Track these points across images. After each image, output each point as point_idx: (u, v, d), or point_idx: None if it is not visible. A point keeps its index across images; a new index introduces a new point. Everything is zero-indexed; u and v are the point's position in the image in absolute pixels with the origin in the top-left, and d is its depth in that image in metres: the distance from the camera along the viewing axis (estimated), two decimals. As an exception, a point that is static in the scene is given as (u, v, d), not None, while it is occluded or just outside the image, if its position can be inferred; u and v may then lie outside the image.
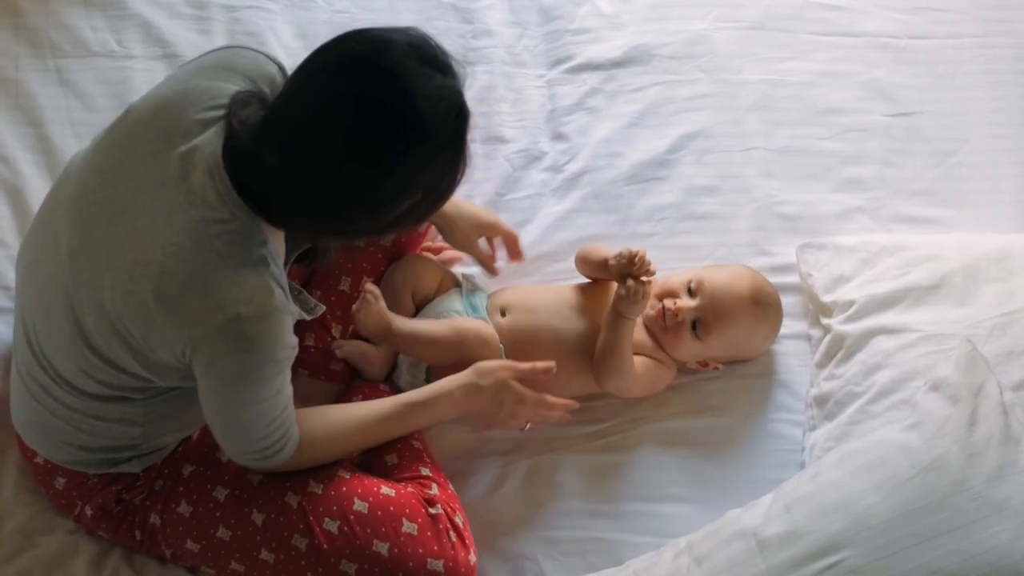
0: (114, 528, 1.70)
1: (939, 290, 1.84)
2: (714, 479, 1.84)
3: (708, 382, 1.93)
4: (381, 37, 1.34)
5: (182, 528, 1.66)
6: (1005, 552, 1.45)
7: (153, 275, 1.41)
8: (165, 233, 1.41)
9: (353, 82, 1.32)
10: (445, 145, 1.36)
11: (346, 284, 1.90)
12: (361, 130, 1.31)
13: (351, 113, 1.31)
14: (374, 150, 1.32)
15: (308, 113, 1.35)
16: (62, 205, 1.52)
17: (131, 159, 1.47)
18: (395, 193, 1.37)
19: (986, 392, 1.59)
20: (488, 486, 1.84)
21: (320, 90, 1.35)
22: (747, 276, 1.90)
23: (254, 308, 1.41)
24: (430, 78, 1.32)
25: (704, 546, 1.62)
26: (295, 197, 1.39)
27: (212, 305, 1.40)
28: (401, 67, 1.31)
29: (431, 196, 1.41)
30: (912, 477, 1.52)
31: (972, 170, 2.16)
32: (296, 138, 1.35)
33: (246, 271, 1.42)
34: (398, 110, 1.31)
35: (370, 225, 1.43)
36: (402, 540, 1.63)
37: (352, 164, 1.33)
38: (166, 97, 1.49)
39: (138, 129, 1.48)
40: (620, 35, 2.31)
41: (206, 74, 1.50)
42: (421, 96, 1.31)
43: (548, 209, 2.11)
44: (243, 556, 1.65)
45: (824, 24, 2.35)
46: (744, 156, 2.17)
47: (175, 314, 1.41)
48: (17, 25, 2.25)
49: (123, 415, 1.58)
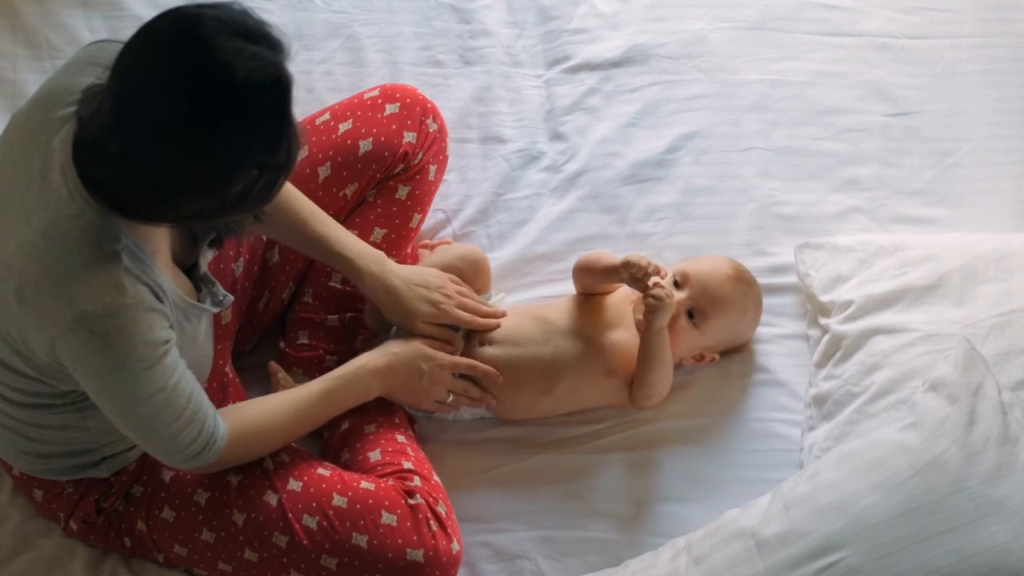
0: (103, 538, 1.71)
1: (937, 290, 1.84)
2: (712, 479, 1.84)
3: (707, 382, 1.93)
4: (191, 13, 1.33)
5: (168, 533, 1.67)
6: (1003, 552, 1.45)
7: (13, 276, 1.41)
8: (23, 234, 1.41)
9: (165, 60, 1.31)
10: (264, 116, 1.33)
11: (338, 280, 1.91)
12: (175, 108, 1.30)
13: (165, 92, 1.30)
14: (191, 126, 1.30)
15: (128, 96, 1.34)
16: None
17: (6, 163, 1.48)
18: (226, 169, 1.35)
19: (984, 392, 1.59)
20: (487, 486, 1.84)
21: (137, 72, 1.34)
22: (724, 260, 1.92)
23: (101, 305, 1.39)
24: (241, 50, 1.30)
25: (702, 546, 1.62)
26: (134, 183, 1.38)
27: (63, 304, 1.40)
28: (211, 41, 1.30)
29: (267, 171, 1.38)
30: (910, 477, 1.52)
31: (970, 170, 2.16)
32: (122, 124, 1.34)
33: (95, 268, 1.40)
34: (209, 84, 1.29)
35: (213, 205, 1.39)
36: (381, 532, 1.64)
37: (173, 142, 1.32)
38: (36, 99, 1.49)
39: (13, 133, 1.50)
40: (618, 35, 2.31)
41: (70, 71, 1.50)
42: (231, 68, 1.29)
43: (546, 209, 2.11)
44: (228, 557, 1.66)
45: (823, 24, 2.35)
46: (742, 156, 2.17)
47: (34, 314, 1.41)
48: (15, 26, 2.25)
49: (62, 422, 1.58)
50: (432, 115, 1.98)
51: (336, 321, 1.90)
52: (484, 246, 2.06)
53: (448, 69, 2.27)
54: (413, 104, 1.95)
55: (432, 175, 1.98)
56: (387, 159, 1.91)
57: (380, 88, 1.98)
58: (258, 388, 1.85)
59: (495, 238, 2.08)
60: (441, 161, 2.01)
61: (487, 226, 2.09)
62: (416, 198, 1.95)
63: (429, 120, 1.97)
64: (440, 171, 2.02)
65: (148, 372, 1.44)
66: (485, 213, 2.11)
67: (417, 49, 2.28)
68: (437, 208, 2.08)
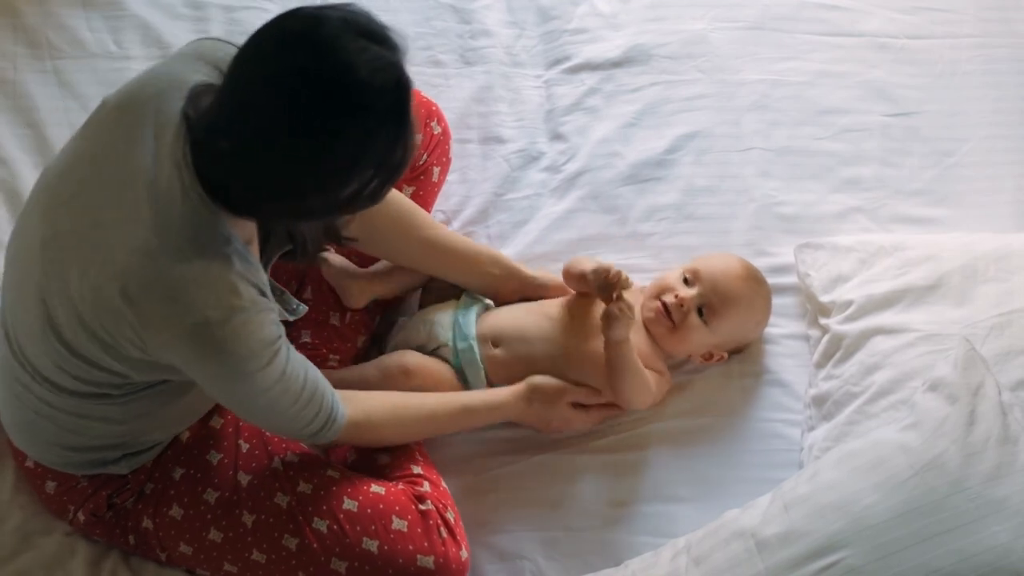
0: (108, 533, 1.71)
1: (937, 290, 1.84)
2: (712, 479, 1.84)
3: (707, 382, 1.93)
4: (313, 14, 1.33)
5: (174, 532, 1.67)
6: (1004, 552, 1.45)
7: (119, 271, 1.40)
8: (132, 228, 1.40)
9: (287, 60, 1.31)
10: (384, 117, 1.34)
11: None
12: (297, 107, 1.30)
13: (287, 91, 1.31)
14: (312, 126, 1.31)
15: (248, 95, 1.34)
16: (40, 198, 1.51)
17: (102, 151, 1.46)
18: (341, 169, 1.35)
19: (984, 392, 1.59)
20: (487, 486, 1.84)
21: (257, 71, 1.34)
22: (734, 258, 1.92)
23: (221, 312, 1.40)
24: (365, 50, 1.31)
25: (703, 546, 1.62)
26: (247, 181, 1.38)
27: (179, 309, 1.39)
28: (334, 41, 1.30)
29: (381, 172, 1.39)
30: (910, 477, 1.51)
31: (971, 170, 2.16)
32: (239, 121, 1.34)
33: (212, 272, 1.40)
34: (332, 84, 1.30)
35: (323, 204, 1.41)
36: (392, 537, 1.64)
37: (293, 141, 1.32)
38: (139, 89, 1.48)
39: (110, 122, 1.48)
40: (618, 35, 2.31)
41: (178, 65, 1.50)
42: (355, 68, 1.30)
43: (547, 209, 2.11)
44: (235, 557, 1.65)
45: (823, 24, 2.35)
46: (742, 156, 2.17)
47: (141, 315, 1.40)
48: (15, 25, 2.25)
49: (104, 413, 1.57)
50: (436, 118, 1.98)
51: (338, 320, 1.91)
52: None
53: (448, 69, 2.27)
54: (417, 106, 1.95)
55: (436, 176, 1.99)
56: None
57: None
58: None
59: (495, 238, 2.08)
60: (444, 163, 2.02)
61: (487, 226, 2.09)
62: (420, 199, 1.95)
63: (434, 123, 1.97)
64: (444, 172, 2.02)
65: (265, 370, 1.47)
66: (485, 213, 2.11)
67: (417, 49, 2.28)
68: (438, 209, 2.08)
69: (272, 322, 1.47)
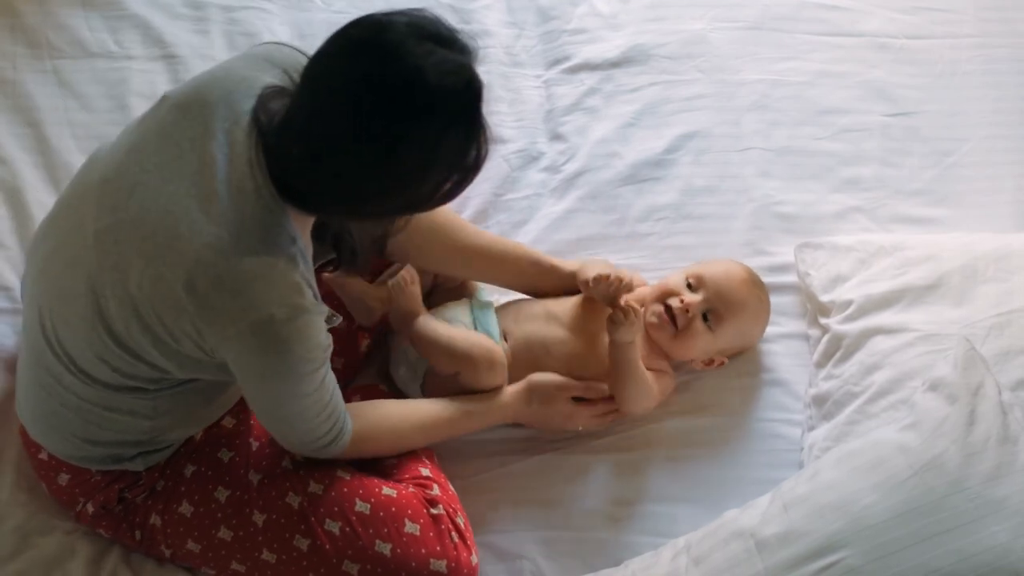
0: (114, 526, 1.70)
1: (937, 290, 1.84)
2: (712, 479, 1.84)
3: (706, 382, 1.93)
4: (380, 20, 1.35)
5: (183, 528, 1.66)
6: (1003, 552, 1.45)
7: (187, 263, 1.41)
8: (201, 222, 1.41)
9: (354, 67, 1.33)
10: (456, 119, 1.36)
11: None
12: (367, 111, 1.32)
13: (357, 96, 1.33)
14: (382, 130, 1.33)
15: (318, 101, 1.36)
16: (90, 189, 1.51)
17: (166, 145, 1.47)
18: (415, 171, 1.37)
19: (984, 392, 1.59)
20: (487, 486, 1.83)
21: (327, 78, 1.36)
22: (736, 264, 1.92)
23: (286, 310, 1.42)
24: (432, 53, 1.33)
25: (702, 546, 1.62)
26: (320, 185, 1.40)
27: (245, 304, 1.41)
28: (401, 46, 1.32)
29: (456, 172, 1.41)
30: (910, 477, 1.51)
31: (970, 170, 2.16)
32: (311, 127, 1.36)
33: (279, 270, 1.42)
34: (401, 88, 1.32)
35: (392, 205, 1.43)
36: (405, 541, 1.64)
37: (365, 146, 1.34)
38: (206, 85, 1.50)
39: (175, 116, 1.48)
40: (618, 35, 2.31)
41: (246, 66, 1.52)
42: (423, 72, 1.32)
43: (546, 209, 2.11)
44: (244, 557, 1.65)
45: (822, 24, 2.35)
46: (742, 156, 2.17)
47: (205, 308, 1.42)
48: (14, 25, 2.25)
49: (133, 407, 1.58)
50: None
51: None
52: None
53: (448, 69, 2.27)
54: None
55: None
56: None
57: None
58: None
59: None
60: None
61: (486, 226, 2.09)
62: None
63: None
64: None
65: (313, 374, 1.49)
66: (485, 214, 2.11)
67: (417, 49, 2.28)
68: (437, 208, 2.08)
69: (324, 327, 1.49)
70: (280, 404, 1.53)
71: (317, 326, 1.47)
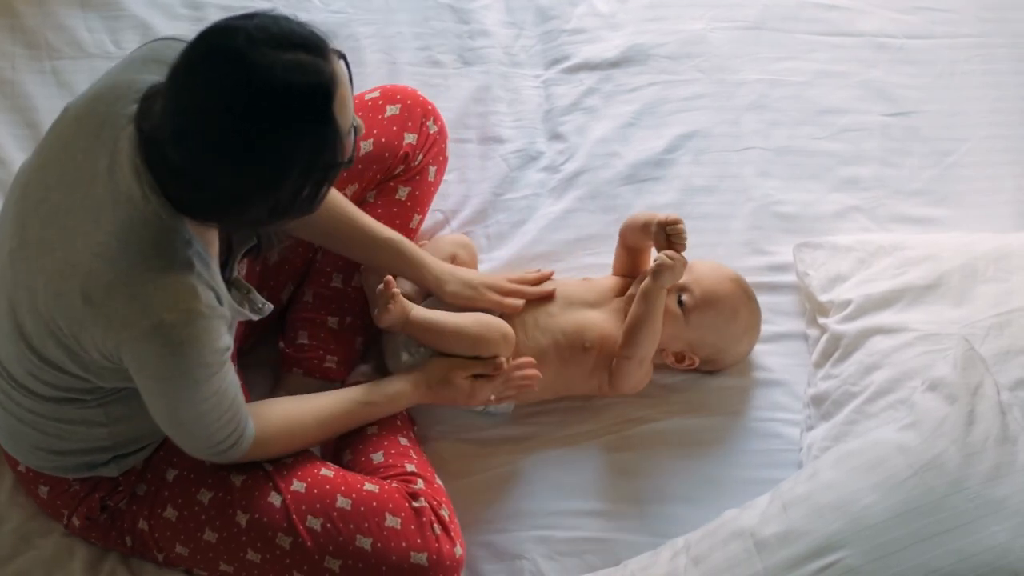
0: (104, 535, 1.71)
1: (936, 290, 1.84)
2: (711, 479, 1.84)
3: (705, 382, 1.93)
4: (227, 26, 1.36)
5: (170, 532, 1.67)
6: (1003, 552, 1.45)
7: (80, 275, 1.41)
8: (92, 233, 1.42)
9: (206, 75, 1.34)
10: (306, 121, 1.35)
11: (338, 280, 1.91)
12: (219, 120, 1.33)
13: (210, 106, 1.33)
14: (234, 138, 1.33)
15: (179, 110, 1.36)
16: (8, 208, 1.53)
17: (65, 157, 1.47)
18: (273, 175, 1.37)
19: (983, 392, 1.59)
20: (485, 485, 1.84)
21: (184, 90, 1.36)
22: (730, 269, 1.93)
23: (178, 314, 1.41)
24: (279, 56, 1.33)
25: (702, 546, 1.62)
26: (193, 190, 1.40)
27: (137, 309, 1.40)
28: (249, 51, 1.32)
29: (315, 173, 1.40)
30: (909, 477, 1.51)
31: (970, 170, 2.16)
32: (177, 134, 1.36)
33: (172, 274, 1.41)
34: (247, 96, 1.32)
35: (262, 211, 1.42)
36: (385, 534, 1.64)
37: (221, 150, 1.34)
38: (96, 92, 1.50)
39: (72, 127, 1.49)
40: (617, 35, 2.31)
41: (134, 67, 1.51)
42: (270, 75, 1.32)
43: (545, 209, 2.11)
44: (231, 557, 1.65)
45: (822, 24, 2.35)
46: (741, 156, 2.17)
47: (101, 316, 1.41)
48: (13, 26, 2.25)
49: (83, 417, 1.58)
50: (432, 117, 1.98)
51: (336, 323, 1.90)
52: (483, 246, 2.06)
53: (447, 69, 2.27)
54: (414, 106, 1.95)
55: (432, 176, 1.98)
56: (387, 160, 1.91)
57: (381, 89, 1.98)
58: (257, 386, 1.85)
59: (494, 238, 2.08)
60: (441, 162, 2.01)
61: (486, 226, 2.09)
62: (416, 199, 1.95)
63: (429, 122, 1.97)
64: (440, 172, 2.02)
65: (210, 380, 1.47)
66: (484, 213, 2.11)
67: (416, 49, 2.28)
68: (436, 208, 2.08)
69: (224, 332, 1.48)
70: (177, 409, 1.51)
71: (214, 331, 1.45)
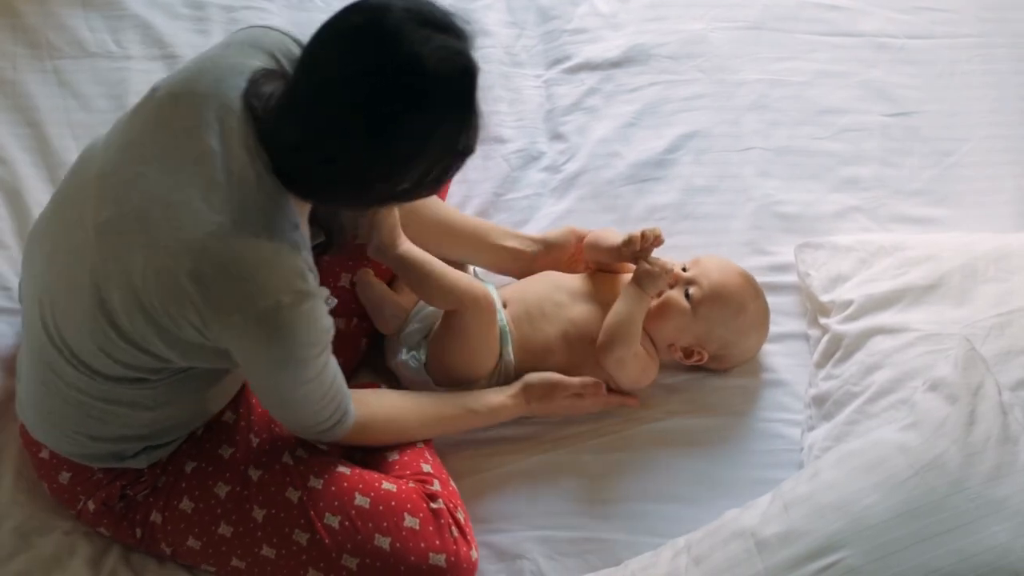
0: (115, 524, 1.70)
1: (937, 290, 1.84)
2: (712, 479, 1.84)
3: (706, 382, 1.93)
4: (377, 5, 1.36)
5: (183, 525, 1.66)
6: (1003, 552, 1.45)
7: (191, 254, 1.41)
8: (204, 211, 1.42)
9: (353, 52, 1.34)
10: (451, 105, 1.37)
11: (346, 280, 1.91)
12: (362, 99, 1.33)
13: (354, 83, 1.33)
14: (379, 116, 1.34)
15: (315, 86, 1.37)
16: (88, 184, 1.51)
17: (162, 136, 1.47)
18: (409, 157, 1.38)
19: (984, 392, 1.59)
20: (486, 485, 1.83)
21: (324, 64, 1.37)
22: (736, 264, 1.93)
23: (291, 296, 1.43)
24: (429, 39, 1.33)
25: (702, 546, 1.62)
26: (315, 170, 1.41)
27: (251, 291, 1.41)
28: (399, 31, 1.33)
29: (447, 158, 1.42)
30: (910, 477, 1.51)
31: (970, 170, 2.16)
32: (307, 113, 1.37)
33: (284, 256, 1.43)
34: (396, 75, 1.32)
35: (389, 191, 1.44)
36: (404, 535, 1.64)
37: (359, 133, 1.35)
38: (195, 74, 1.50)
39: (168, 106, 1.49)
40: (618, 35, 2.32)
41: (234, 50, 1.52)
42: (420, 58, 1.32)
43: (546, 209, 2.11)
44: (244, 552, 1.65)
45: (822, 24, 2.35)
46: (742, 156, 2.17)
47: (211, 296, 1.42)
48: (15, 25, 2.25)
49: (134, 398, 1.58)
50: None
51: (343, 323, 1.90)
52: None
53: (448, 69, 2.27)
54: None
55: None
56: None
57: None
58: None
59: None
60: None
61: (486, 226, 2.09)
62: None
63: None
64: None
65: (317, 359, 1.50)
66: (485, 214, 2.11)
67: (416, 49, 2.28)
68: (437, 208, 2.08)
69: (326, 311, 1.50)
70: (284, 389, 1.53)
71: (321, 310, 1.48)
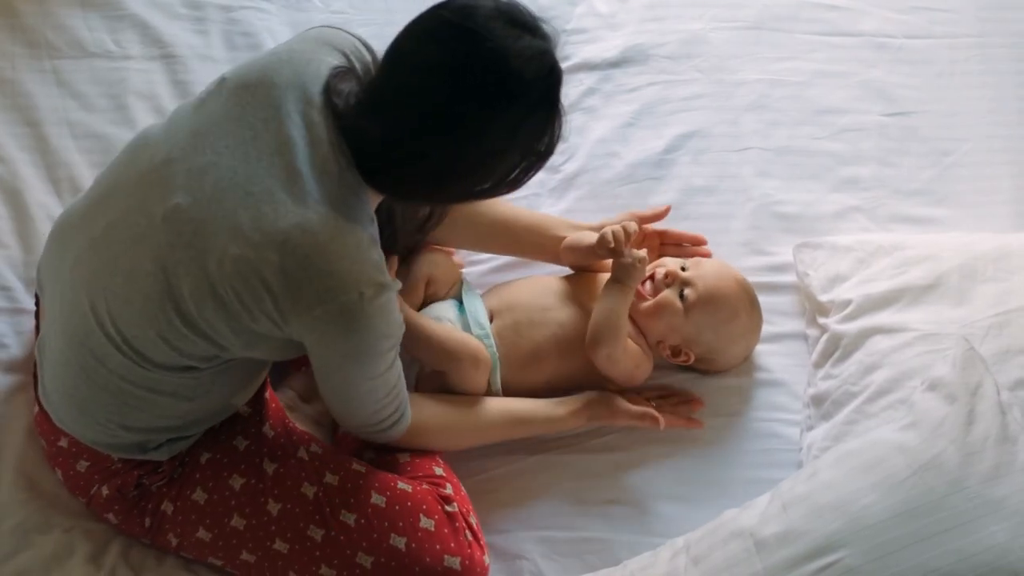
0: (125, 511, 1.69)
1: (936, 289, 1.84)
2: (711, 479, 1.84)
3: (705, 382, 1.93)
4: (466, 3, 1.37)
5: (195, 516, 1.66)
6: (1002, 551, 1.45)
7: (275, 245, 1.42)
8: (287, 203, 1.42)
9: (442, 49, 1.35)
10: (537, 105, 1.38)
11: None
12: (453, 95, 1.34)
13: (442, 80, 1.35)
14: (467, 114, 1.35)
15: (403, 84, 1.38)
16: (153, 170, 1.50)
17: (236, 126, 1.47)
18: (493, 155, 1.40)
19: (983, 391, 1.59)
20: (486, 486, 1.83)
21: (413, 60, 1.38)
22: (735, 270, 1.92)
23: (373, 288, 1.44)
24: (518, 39, 1.34)
25: (701, 546, 1.62)
26: (397, 167, 1.42)
27: (335, 284, 1.42)
28: (488, 30, 1.34)
29: (530, 157, 1.43)
30: (909, 477, 1.52)
31: (969, 170, 2.16)
32: (394, 109, 1.38)
33: (364, 250, 1.45)
34: (487, 73, 1.34)
35: (469, 189, 1.45)
36: (419, 535, 1.64)
37: (448, 130, 1.36)
38: (270, 67, 1.51)
39: (241, 97, 1.49)
40: (616, 35, 2.31)
41: (309, 48, 1.53)
42: (509, 57, 1.34)
43: (545, 209, 2.10)
44: (256, 546, 1.64)
45: (821, 24, 2.35)
46: (741, 156, 2.17)
47: (292, 289, 1.43)
48: (14, 25, 2.25)
49: (177, 387, 1.57)
50: None
51: None
52: (483, 247, 2.06)
53: (447, 69, 2.27)
54: None
55: None
56: None
57: None
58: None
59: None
60: None
61: (485, 226, 2.09)
62: None
63: None
64: None
65: (390, 352, 1.52)
66: (484, 213, 2.11)
67: (416, 49, 2.28)
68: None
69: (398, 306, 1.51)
70: (352, 383, 1.54)
71: (395, 303, 1.50)
